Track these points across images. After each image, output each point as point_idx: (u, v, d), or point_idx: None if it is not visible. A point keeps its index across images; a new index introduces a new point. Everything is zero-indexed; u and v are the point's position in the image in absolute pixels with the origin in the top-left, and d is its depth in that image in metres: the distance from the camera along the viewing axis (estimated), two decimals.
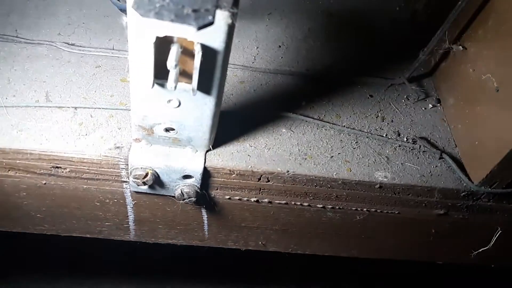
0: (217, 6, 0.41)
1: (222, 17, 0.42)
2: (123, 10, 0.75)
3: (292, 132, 0.67)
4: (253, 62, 0.75)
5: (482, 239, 0.73)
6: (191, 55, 0.46)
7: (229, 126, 0.65)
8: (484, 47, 0.66)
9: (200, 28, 0.40)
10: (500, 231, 0.71)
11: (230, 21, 0.42)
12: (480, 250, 0.73)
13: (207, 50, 0.45)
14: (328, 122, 0.68)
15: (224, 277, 1.45)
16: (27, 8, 0.74)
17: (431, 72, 0.79)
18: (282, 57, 0.77)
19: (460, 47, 0.70)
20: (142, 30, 0.43)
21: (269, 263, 1.41)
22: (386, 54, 0.81)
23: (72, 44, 0.70)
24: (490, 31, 0.65)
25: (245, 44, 0.77)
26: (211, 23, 0.40)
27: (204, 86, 0.50)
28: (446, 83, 0.75)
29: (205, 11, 0.41)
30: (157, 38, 0.44)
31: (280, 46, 0.78)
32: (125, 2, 0.74)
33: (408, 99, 0.75)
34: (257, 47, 0.77)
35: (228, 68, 0.51)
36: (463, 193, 0.66)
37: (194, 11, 0.41)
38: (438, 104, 0.75)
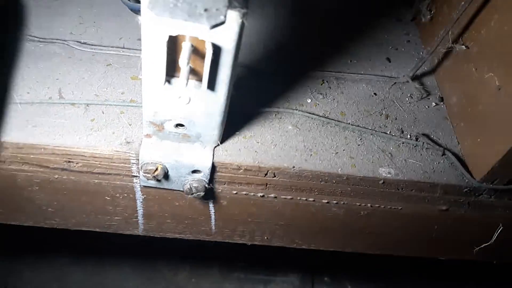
0: (229, 6, 0.42)
1: (233, 17, 0.43)
2: (133, 10, 0.76)
3: (298, 129, 0.68)
4: (260, 61, 0.76)
5: (484, 235, 0.74)
6: (202, 53, 0.48)
7: (237, 123, 0.66)
8: (487, 46, 0.67)
9: (212, 27, 0.41)
10: (501, 227, 0.72)
11: (241, 20, 0.44)
12: (482, 246, 0.75)
13: (217, 49, 0.47)
14: (333, 119, 0.70)
15: (229, 271, 1.46)
16: (39, 8, 0.76)
17: (434, 71, 0.81)
18: (288, 56, 0.79)
19: (463, 46, 0.72)
20: (155, 29, 0.45)
21: (273, 256, 1.42)
22: (390, 53, 0.83)
23: (84, 43, 0.72)
24: (492, 31, 0.66)
25: (252, 43, 0.79)
26: (222, 23, 0.41)
27: (214, 84, 0.52)
28: (449, 82, 0.76)
29: (216, 10, 0.43)
30: (170, 37, 0.46)
31: (286, 45, 0.80)
32: (135, 1, 0.76)
33: (412, 97, 0.76)
34: (264, 46, 0.79)
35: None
36: (465, 189, 0.67)
37: (206, 10, 0.42)
38: (441, 102, 0.76)
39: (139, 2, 0.43)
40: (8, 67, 0.67)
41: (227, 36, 0.45)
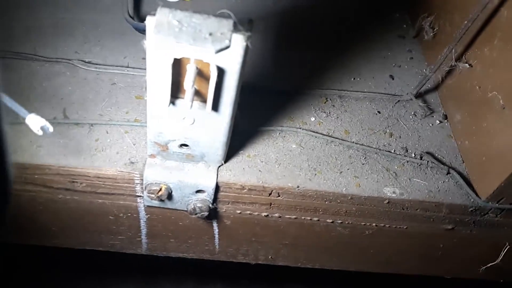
0: (233, 30, 0.42)
1: (238, 40, 0.43)
2: (138, 29, 0.77)
3: (302, 148, 0.68)
4: (263, 79, 0.76)
5: (490, 254, 0.73)
6: (206, 74, 0.48)
7: (240, 142, 0.66)
8: (490, 65, 0.67)
9: (217, 52, 0.41)
10: (508, 246, 0.72)
11: (245, 43, 0.44)
12: (489, 265, 0.74)
13: (222, 71, 0.47)
14: (337, 138, 0.70)
15: (232, 281, 1.45)
16: (45, 27, 0.76)
17: (438, 88, 0.81)
18: (291, 74, 0.79)
19: (467, 64, 0.72)
20: (161, 53, 0.45)
21: (277, 271, 1.40)
22: (393, 70, 0.83)
23: (89, 62, 0.73)
24: (496, 49, 0.66)
25: (255, 61, 0.79)
26: (227, 47, 0.41)
27: (218, 105, 0.52)
28: (452, 100, 0.76)
29: (221, 34, 0.43)
30: (175, 59, 0.46)
31: (290, 64, 0.80)
32: (140, 21, 0.77)
33: (416, 115, 0.76)
34: (267, 64, 0.79)
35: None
36: (471, 209, 0.67)
37: (211, 35, 0.43)
38: (445, 120, 0.76)
39: (143, 21, 0.43)
40: (13, 87, 0.68)
41: (232, 59, 0.45)
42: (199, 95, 0.52)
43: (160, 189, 0.61)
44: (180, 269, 1.41)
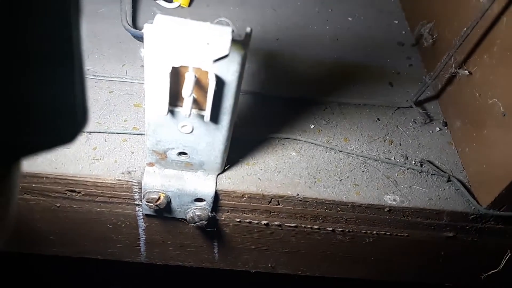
0: (231, 38, 0.42)
1: (236, 49, 0.43)
2: (136, 37, 0.77)
3: (301, 156, 0.68)
4: (262, 87, 0.76)
5: (491, 261, 0.73)
6: (205, 83, 0.48)
7: (239, 150, 0.66)
8: (490, 72, 0.67)
9: (215, 60, 0.41)
10: (510, 254, 0.71)
11: (243, 52, 0.44)
12: (490, 273, 0.73)
13: (220, 80, 0.47)
14: (336, 146, 0.69)
15: None
16: None
17: (438, 96, 0.80)
18: (290, 82, 0.79)
19: (466, 71, 0.72)
20: (159, 61, 0.45)
21: (279, 280, 1.39)
22: (392, 77, 0.83)
23: (87, 70, 0.72)
24: (495, 56, 0.66)
25: (255, 70, 0.79)
26: (226, 56, 0.41)
27: (217, 113, 0.52)
28: (452, 107, 0.76)
29: (219, 43, 0.42)
30: (173, 68, 0.46)
31: (289, 71, 0.80)
32: (138, 28, 0.77)
33: (415, 122, 0.76)
34: (266, 72, 0.79)
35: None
36: (472, 216, 0.66)
37: (209, 44, 0.42)
38: (445, 127, 0.76)
39: (142, 29, 0.43)
40: None
41: (230, 67, 0.45)
42: (198, 103, 0.51)
43: (159, 198, 0.60)
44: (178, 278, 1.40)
